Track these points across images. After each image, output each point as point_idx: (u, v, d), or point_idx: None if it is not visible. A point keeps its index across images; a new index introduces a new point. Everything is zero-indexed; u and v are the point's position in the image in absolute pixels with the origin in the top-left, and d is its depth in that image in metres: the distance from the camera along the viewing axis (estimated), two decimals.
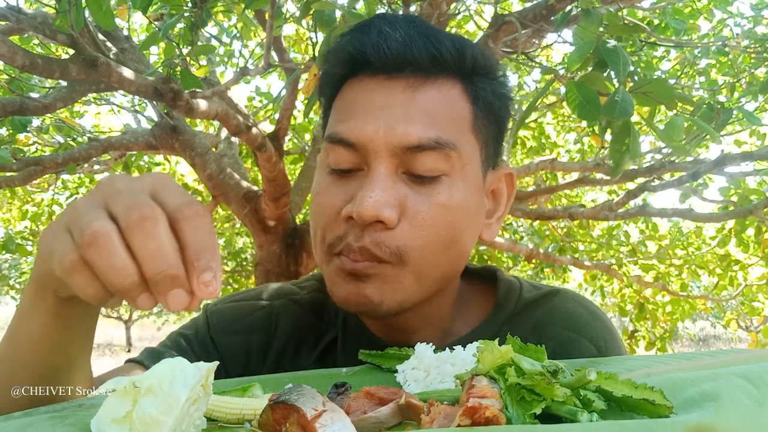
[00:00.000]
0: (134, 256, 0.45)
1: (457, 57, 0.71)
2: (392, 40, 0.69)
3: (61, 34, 1.68)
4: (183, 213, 0.46)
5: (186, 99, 2.03)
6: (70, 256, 0.46)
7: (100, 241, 0.44)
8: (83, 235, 0.45)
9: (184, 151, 3.37)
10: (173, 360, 0.46)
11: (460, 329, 0.81)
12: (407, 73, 0.70)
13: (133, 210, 0.45)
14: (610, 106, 1.39)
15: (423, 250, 0.69)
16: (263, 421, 0.45)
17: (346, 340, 0.82)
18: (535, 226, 5.26)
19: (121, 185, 0.48)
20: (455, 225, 0.70)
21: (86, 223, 0.45)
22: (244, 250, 6.52)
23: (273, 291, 0.90)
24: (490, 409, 0.42)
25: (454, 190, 0.70)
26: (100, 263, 0.45)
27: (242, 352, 0.82)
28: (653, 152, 4.34)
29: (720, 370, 0.48)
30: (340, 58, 0.74)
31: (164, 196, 0.47)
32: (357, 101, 0.71)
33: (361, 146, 0.69)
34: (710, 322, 13.94)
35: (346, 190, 0.70)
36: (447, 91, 0.71)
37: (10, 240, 4.63)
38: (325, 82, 0.77)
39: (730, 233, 4.46)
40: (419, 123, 0.68)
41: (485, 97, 0.74)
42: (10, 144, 3.31)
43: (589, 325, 0.79)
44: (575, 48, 1.56)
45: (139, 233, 0.45)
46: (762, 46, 3.12)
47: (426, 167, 0.68)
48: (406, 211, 0.68)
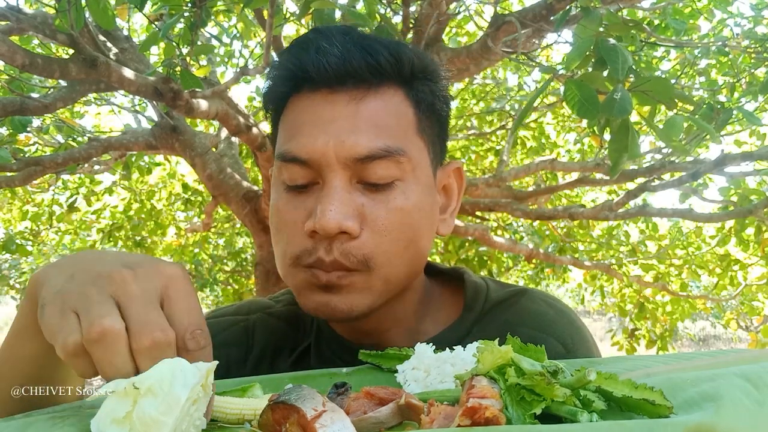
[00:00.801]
0: (136, 364, 0.49)
1: (395, 64, 0.73)
2: (331, 54, 0.71)
3: (61, 34, 1.68)
4: (189, 344, 0.51)
5: (186, 99, 2.03)
6: (74, 341, 0.48)
7: (108, 339, 0.48)
8: (93, 328, 0.48)
9: (184, 151, 3.38)
10: (173, 360, 0.46)
11: (429, 329, 0.83)
12: (349, 86, 0.71)
13: (146, 331, 0.49)
14: (608, 104, 1.39)
15: (387, 254, 0.71)
16: (263, 421, 0.45)
17: (319, 346, 0.85)
18: (535, 226, 5.27)
19: (136, 287, 0.51)
20: (414, 226, 0.73)
21: (97, 316, 0.48)
22: (244, 250, 6.52)
23: (249, 306, 0.93)
24: (490, 410, 0.42)
25: (408, 193, 0.72)
26: (103, 359, 0.48)
27: (222, 366, 0.84)
28: (653, 152, 4.34)
29: (720, 370, 0.48)
30: (282, 75, 0.75)
31: (176, 314, 0.52)
32: (303, 117, 0.73)
33: (314, 162, 0.70)
34: (710, 322, 13.94)
35: (305, 206, 0.72)
36: (390, 98, 0.73)
37: (10, 240, 4.63)
38: (269, 98, 0.79)
39: (730, 233, 4.46)
40: (366, 133, 0.70)
41: (426, 99, 0.76)
42: (10, 144, 3.31)
43: (556, 324, 0.80)
44: (574, 46, 1.56)
45: (148, 357, 0.49)
46: (762, 46, 3.12)
47: (378, 175, 0.70)
48: (365, 219, 0.70)
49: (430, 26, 2.07)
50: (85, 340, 0.48)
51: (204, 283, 6.12)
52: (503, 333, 0.79)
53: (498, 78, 5.21)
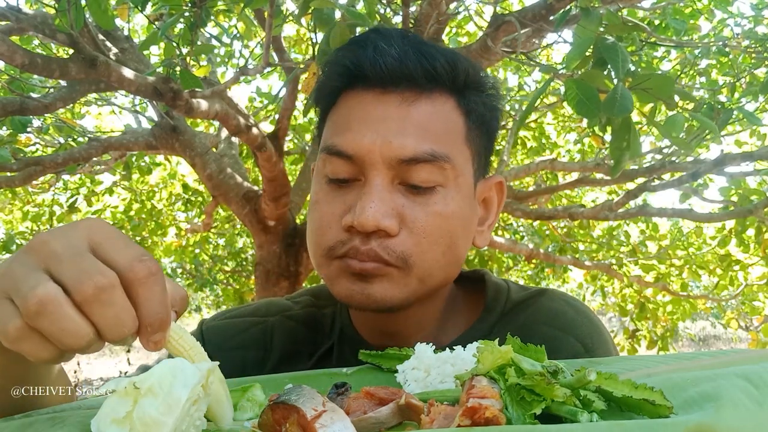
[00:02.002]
0: (90, 320, 0.45)
1: (450, 72, 0.73)
2: (388, 55, 0.71)
3: (61, 34, 1.68)
4: (136, 274, 0.46)
5: (185, 99, 2.03)
6: (14, 325, 0.44)
7: (49, 307, 0.43)
8: (28, 303, 0.43)
9: (184, 151, 3.38)
10: (174, 360, 0.46)
11: (451, 333, 0.83)
12: (402, 88, 0.72)
13: (85, 279, 0.44)
14: (609, 102, 1.39)
15: (424, 255, 0.71)
16: (263, 421, 0.45)
17: (342, 349, 0.84)
18: (535, 226, 5.27)
19: (57, 245, 0.46)
20: (451, 232, 0.73)
21: (28, 289, 0.44)
22: (244, 250, 6.52)
23: (267, 307, 0.91)
24: (490, 410, 0.42)
25: (449, 200, 0.72)
26: (52, 329, 0.44)
27: (238, 368, 0.83)
28: (653, 152, 4.34)
29: (720, 370, 0.48)
30: (337, 70, 0.76)
31: (110, 253, 0.47)
32: (353, 114, 0.73)
33: (358, 158, 0.71)
34: (710, 322, 13.93)
35: (344, 200, 0.72)
36: (441, 105, 0.73)
37: (10, 240, 4.63)
38: (321, 93, 0.79)
39: (730, 233, 4.46)
40: (414, 136, 0.70)
41: (477, 110, 0.76)
42: (11, 144, 3.31)
43: (575, 323, 0.80)
44: (573, 45, 1.56)
45: (97, 305, 0.44)
46: (762, 46, 3.12)
47: (421, 178, 0.71)
48: (404, 220, 0.71)
49: (430, 26, 2.07)
50: (26, 319, 0.44)
51: (204, 282, 6.12)
52: (523, 333, 0.78)
53: (498, 78, 5.21)
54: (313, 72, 1.86)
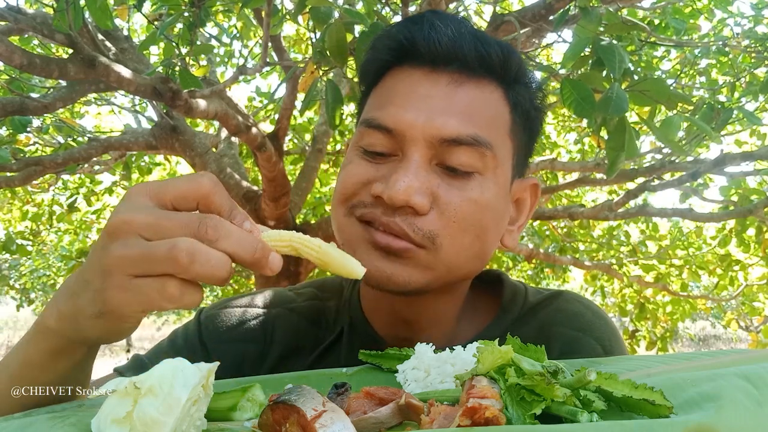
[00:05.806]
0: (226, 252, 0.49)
1: (503, 62, 0.72)
2: (443, 33, 0.70)
3: (60, 34, 1.68)
4: (235, 217, 0.51)
5: (185, 98, 2.03)
6: (172, 285, 0.48)
7: (196, 254, 0.47)
8: (179, 258, 0.46)
9: (184, 151, 3.37)
10: (174, 360, 0.46)
11: (466, 333, 0.82)
12: (452, 69, 0.71)
13: (199, 224, 0.48)
14: (604, 102, 1.39)
15: (452, 240, 0.69)
16: (263, 421, 0.45)
17: (351, 341, 0.82)
18: (535, 226, 5.26)
19: (139, 218, 0.49)
20: (482, 223, 0.71)
21: (169, 249, 0.47)
22: None
23: (269, 298, 0.89)
24: (490, 410, 0.42)
25: (485, 189, 0.70)
26: (204, 270, 0.47)
27: (235, 361, 0.81)
28: (653, 152, 4.34)
29: (720, 370, 0.48)
30: (389, 45, 0.74)
31: (209, 201, 0.51)
32: (399, 89, 0.72)
33: (399, 132, 0.69)
34: (710, 322, 13.94)
35: (378, 169, 0.71)
36: (489, 92, 0.72)
37: (10, 240, 4.63)
38: (368, 68, 0.78)
39: (730, 233, 4.46)
40: (458, 118, 0.69)
41: (523, 105, 0.75)
42: (10, 144, 3.31)
43: (594, 325, 0.80)
44: (570, 45, 1.56)
45: (223, 238, 0.48)
46: (762, 46, 3.12)
47: (460, 161, 0.69)
48: (437, 200, 0.69)
49: None
50: (182, 273, 0.47)
51: None
52: (541, 334, 0.79)
53: None
54: (311, 71, 1.86)
